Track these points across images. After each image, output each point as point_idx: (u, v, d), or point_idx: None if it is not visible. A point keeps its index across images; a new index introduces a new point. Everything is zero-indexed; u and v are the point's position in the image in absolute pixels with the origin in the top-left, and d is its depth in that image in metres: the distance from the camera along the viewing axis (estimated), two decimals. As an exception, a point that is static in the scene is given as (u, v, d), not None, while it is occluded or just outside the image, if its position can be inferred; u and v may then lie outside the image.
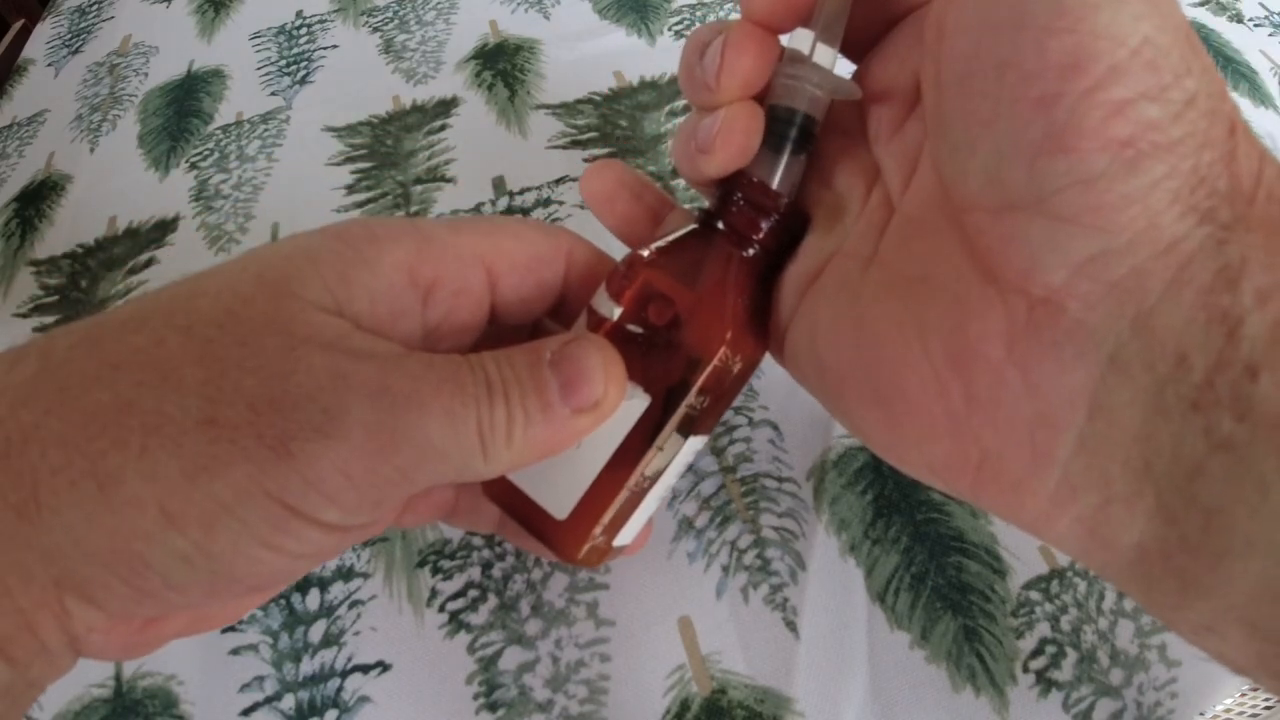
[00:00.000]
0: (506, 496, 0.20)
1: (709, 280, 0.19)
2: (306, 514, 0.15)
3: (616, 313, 0.19)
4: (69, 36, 0.54)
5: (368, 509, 0.16)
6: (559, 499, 0.19)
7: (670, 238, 0.20)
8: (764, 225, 0.19)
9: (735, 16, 0.48)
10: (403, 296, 0.18)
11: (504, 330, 0.22)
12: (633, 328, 0.19)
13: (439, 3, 0.50)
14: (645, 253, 0.20)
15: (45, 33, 0.55)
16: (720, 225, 0.20)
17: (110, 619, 0.16)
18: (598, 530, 0.19)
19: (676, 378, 0.19)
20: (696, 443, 0.20)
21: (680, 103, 0.42)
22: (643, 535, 0.22)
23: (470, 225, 0.20)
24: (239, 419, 0.15)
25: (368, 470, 0.15)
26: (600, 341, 0.18)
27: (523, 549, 0.21)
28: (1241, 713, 0.25)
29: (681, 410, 0.19)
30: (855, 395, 0.18)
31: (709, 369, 0.18)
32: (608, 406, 0.18)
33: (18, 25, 0.65)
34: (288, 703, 0.26)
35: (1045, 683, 0.25)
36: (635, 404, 0.19)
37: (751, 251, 0.20)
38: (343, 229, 0.18)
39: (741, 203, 0.19)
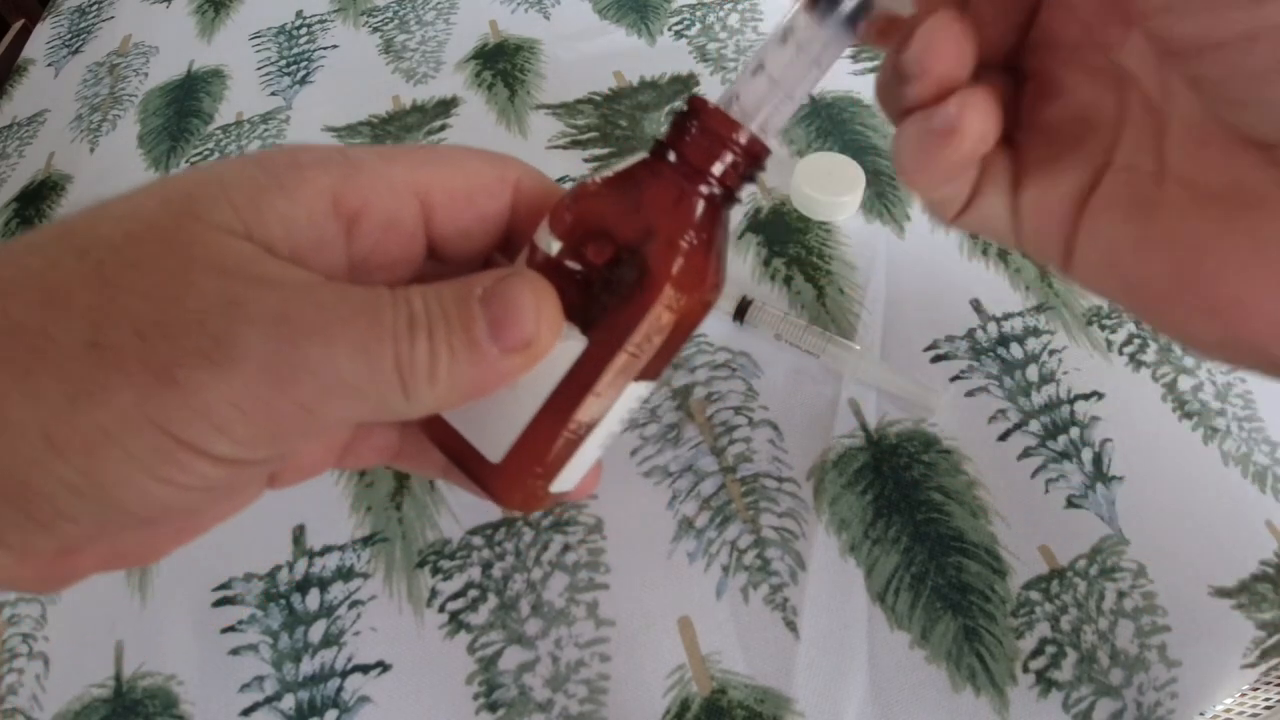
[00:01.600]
0: (444, 437, 0.19)
1: (654, 216, 0.17)
2: (194, 445, 0.15)
3: (555, 248, 0.17)
4: (69, 36, 0.54)
5: (265, 443, 0.15)
6: (494, 442, 0.18)
7: (619, 168, 0.18)
8: (721, 158, 0.17)
9: (735, 18, 0.48)
10: (324, 226, 0.17)
11: (452, 268, 0.20)
12: (571, 265, 0.17)
13: (439, 3, 0.50)
14: (591, 183, 0.18)
15: (45, 33, 0.55)
16: (672, 157, 0.18)
17: (14, 553, 0.15)
18: (533, 476, 0.18)
19: (617, 320, 0.17)
20: (640, 389, 0.19)
21: (680, 102, 0.42)
22: (589, 481, 0.21)
23: (405, 153, 0.19)
24: (125, 344, 0.14)
25: (262, 403, 0.15)
26: (535, 278, 0.17)
27: (469, 492, 0.21)
28: (1241, 713, 0.25)
29: (622, 356, 0.17)
30: (1182, 310, 0.17)
31: (651, 312, 0.17)
32: (539, 348, 0.17)
33: (18, 25, 0.65)
34: (288, 703, 0.26)
35: (1045, 683, 0.25)
36: (572, 346, 0.17)
37: (705, 188, 0.18)
38: (264, 154, 0.17)
39: (696, 132, 0.17)
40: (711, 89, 0.43)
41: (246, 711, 0.26)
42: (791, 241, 0.36)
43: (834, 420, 0.31)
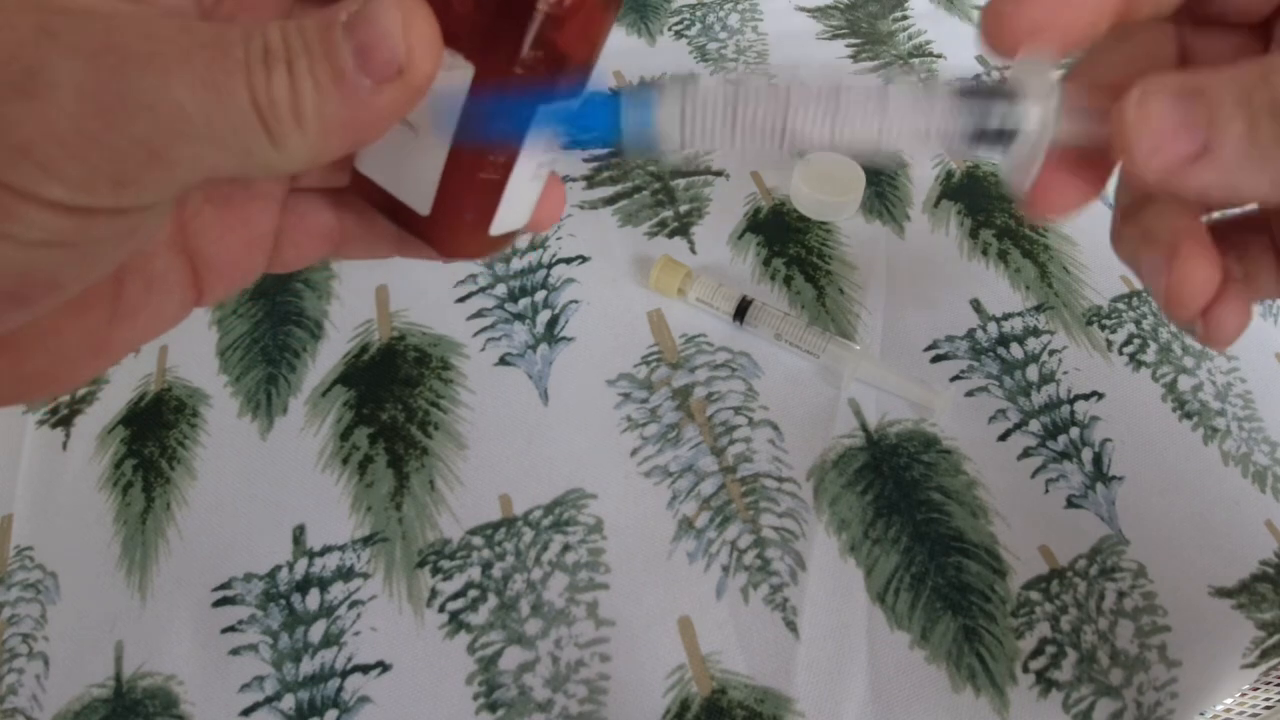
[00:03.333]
0: (375, 196, 0.17)
1: None
2: (20, 188, 0.13)
3: None
4: (69, 36, 0.54)
5: (105, 187, 0.14)
6: (418, 194, 0.17)
7: None
8: None
9: (735, 18, 0.48)
10: None
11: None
12: None
13: (439, 2, 0.50)
14: None
15: (45, 33, 0.55)
16: None
17: None
18: (464, 222, 0.17)
19: (499, 35, 0.16)
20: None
21: (680, 103, 0.42)
22: (548, 210, 0.19)
23: None
24: None
25: (88, 137, 0.13)
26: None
27: (424, 257, 0.19)
28: (1241, 713, 0.25)
29: (516, 75, 0.16)
30: None
31: (538, 19, 0.15)
32: (415, 76, 0.15)
33: (17, 25, 0.65)
34: (288, 703, 0.26)
35: (1045, 683, 0.25)
36: (458, 75, 0.16)
37: None
38: None
39: None
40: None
41: (246, 711, 0.26)
42: (791, 241, 0.36)
43: (834, 420, 0.31)
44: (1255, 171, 0.15)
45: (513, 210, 0.18)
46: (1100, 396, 0.31)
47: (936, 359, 0.32)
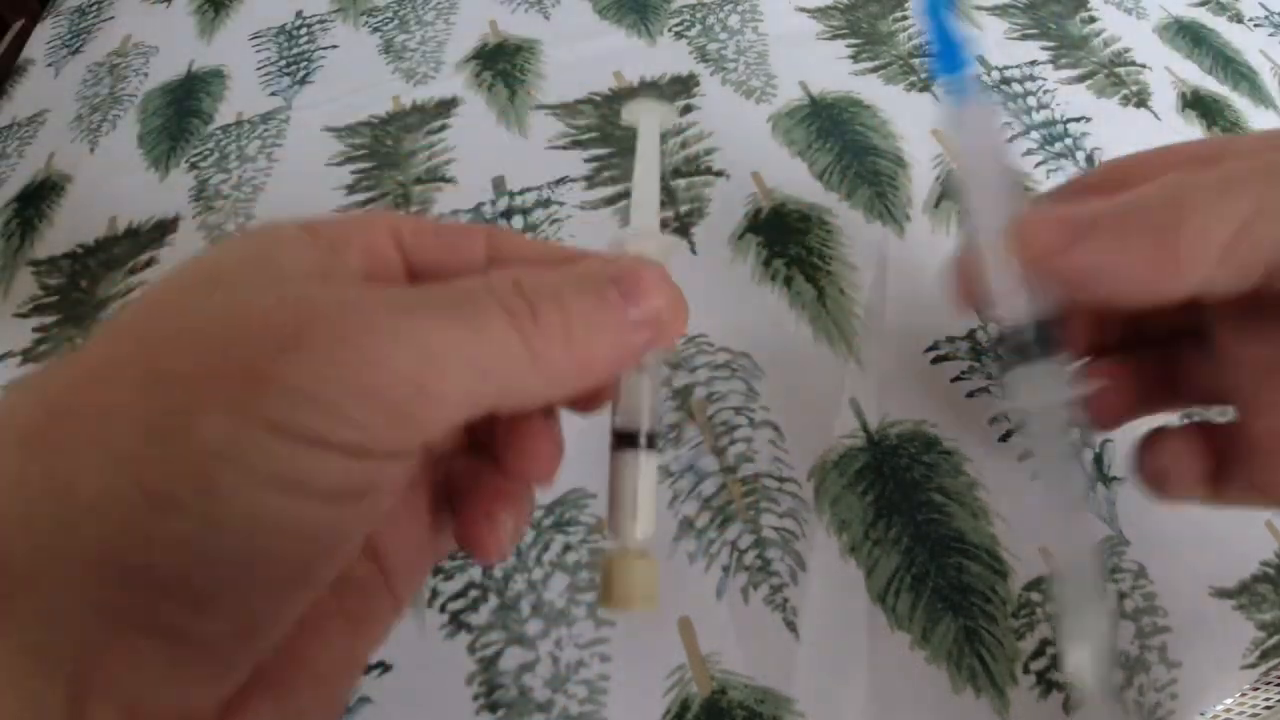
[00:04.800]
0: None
1: None
2: (315, 437, 0.13)
3: None
4: (69, 36, 0.54)
5: (385, 425, 0.14)
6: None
7: None
8: None
9: (735, 19, 0.48)
10: (388, 253, 0.18)
11: None
12: None
13: (439, 3, 0.50)
14: None
15: (45, 33, 0.55)
16: None
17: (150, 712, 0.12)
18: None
19: None
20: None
21: (680, 103, 0.42)
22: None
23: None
24: (189, 366, 0.13)
25: (361, 376, 0.13)
26: (653, 262, 0.18)
27: None
28: (1241, 713, 0.25)
29: None
30: None
31: None
32: (666, 321, 0.17)
33: (18, 25, 0.65)
34: (288, 703, 0.26)
35: (1046, 684, 0.25)
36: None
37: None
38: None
39: None
40: (712, 89, 0.43)
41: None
42: (792, 242, 0.36)
43: (835, 420, 0.31)
44: (1130, 249, 0.17)
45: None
46: (1100, 397, 0.31)
47: (937, 360, 0.32)
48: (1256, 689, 0.25)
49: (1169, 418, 0.25)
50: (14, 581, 0.11)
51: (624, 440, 0.20)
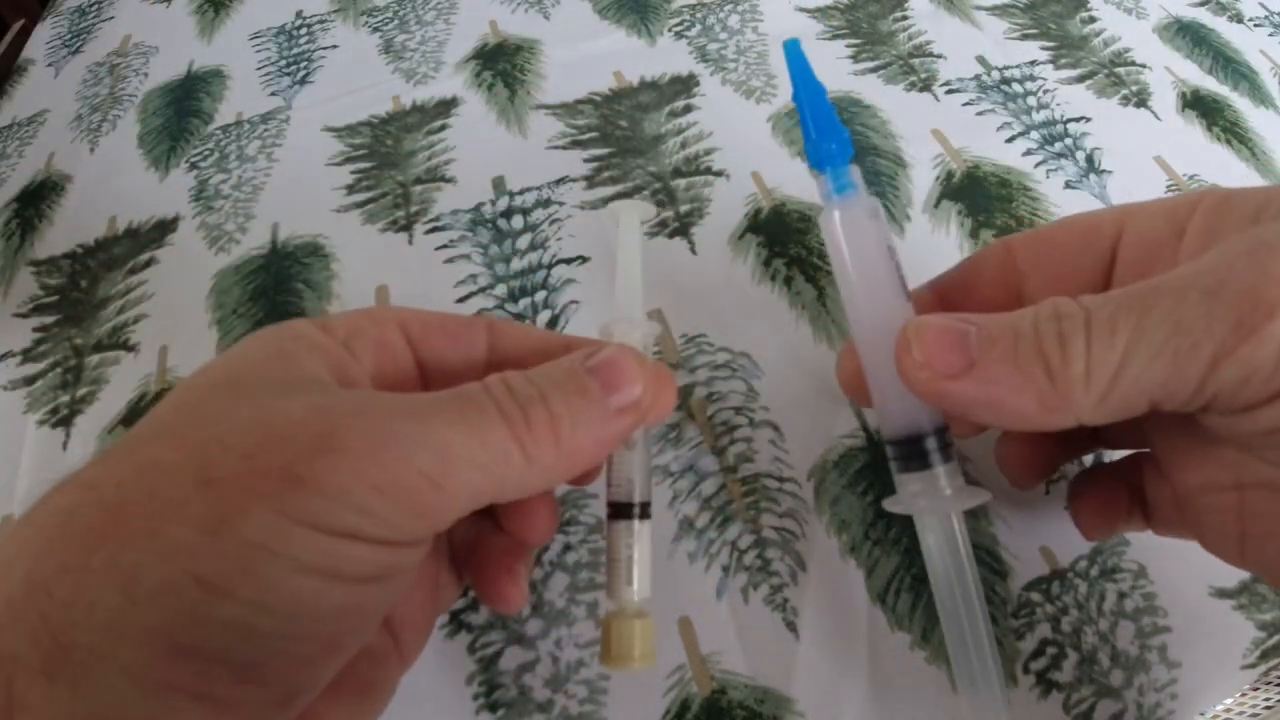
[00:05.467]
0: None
1: None
2: (347, 531, 0.15)
3: None
4: (69, 36, 0.54)
5: (409, 518, 0.16)
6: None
7: None
8: None
9: (735, 19, 0.48)
10: (398, 352, 0.20)
11: None
12: None
13: (439, 3, 0.50)
14: None
15: (45, 33, 0.55)
16: None
17: None
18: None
19: None
20: None
21: (680, 103, 0.42)
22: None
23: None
24: (235, 469, 0.15)
25: (389, 476, 0.15)
26: (629, 347, 0.19)
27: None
28: (1241, 713, 0.25)
29: None
30: None
31: None
32: (645, 405, 0.19)
33: (18, 25, 0.65)
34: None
35: (1046, 684, 0.25)
36: None
37: None
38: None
39: None
40: (712, 89, 0.43)
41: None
42: (792, 242, 0.36)
43: (835, 420, 0.31)
44: (1016, 387, 0.17)
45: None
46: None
47: (937, 359, 0.32)
48: (1256, 689, 0.25)
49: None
50: (82, 659, 0.13)
51: (618, 511, 0.22)
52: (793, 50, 0.23)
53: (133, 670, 0.13)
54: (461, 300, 0.35)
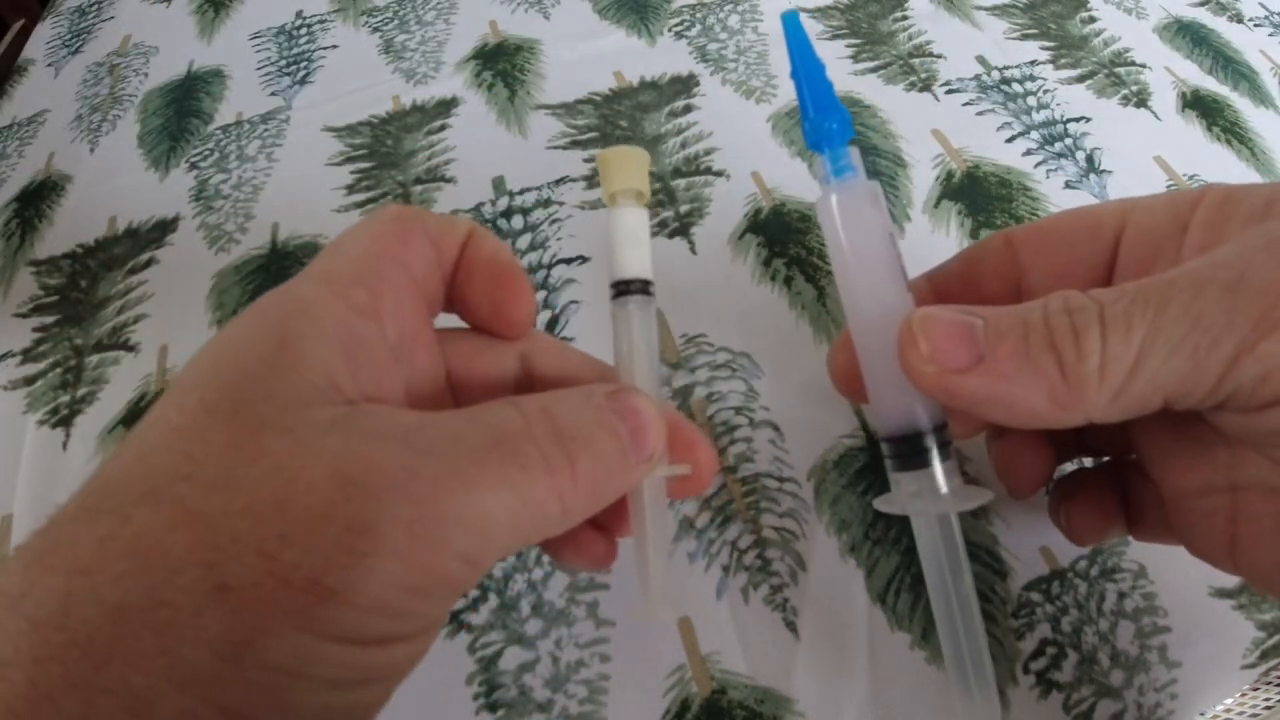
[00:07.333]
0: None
1: None
2: (381, 638, 0.14)
3: None
4: (69, 36, 0.54)
5: (442, 603, 0.15)
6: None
7: None
8: None
9: (735, 19, 0.48)
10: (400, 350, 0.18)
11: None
12: None
13: (439, 3, 0.50)
14: None
15: (45, 33, 0.55)
16: None
17: None
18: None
19: None
20: None
21: (680, 103, 0.42)
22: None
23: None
24: (253, 572, 0.13)
25: (426, 571, 0.14)
26: (649, 396, 0.19)
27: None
28: (1241, 713, 0.25)
29: None
30: None
31: None
32: (657, 455, 0.18)
33: (18, 25, 0.65)
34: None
35: (1046, 684, 0.25)
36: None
37: None
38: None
39: None
40: (712, 89, 0.43)
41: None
42: (792, 242, 0.36)
43: (835, 420, 0.31)
44: (1027, 383, 0.17)
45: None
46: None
47: (937, 359, 0.32)
48: (1256, 689, 0.25)
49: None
50: None
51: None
52: (791, 23, 0.22)
53: None
54: (461, 300, 0.35)
